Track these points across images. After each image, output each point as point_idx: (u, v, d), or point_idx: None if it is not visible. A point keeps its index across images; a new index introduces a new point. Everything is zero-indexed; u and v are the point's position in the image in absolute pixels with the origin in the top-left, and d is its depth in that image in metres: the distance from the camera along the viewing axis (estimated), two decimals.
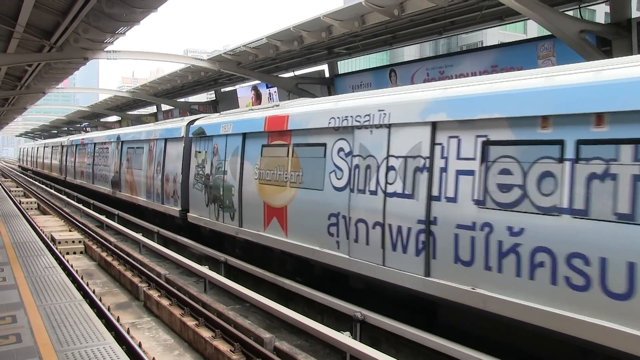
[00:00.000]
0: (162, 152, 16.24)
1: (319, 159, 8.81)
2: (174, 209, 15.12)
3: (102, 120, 48.18)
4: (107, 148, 23.14)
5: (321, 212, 8.57)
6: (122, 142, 20.84)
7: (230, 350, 7.18)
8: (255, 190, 10.67)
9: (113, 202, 22.21)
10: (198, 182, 13.41)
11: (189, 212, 14.02)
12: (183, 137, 14.80)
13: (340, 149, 8.34)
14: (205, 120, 13.93)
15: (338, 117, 8.39)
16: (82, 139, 29.53)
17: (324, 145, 8.73)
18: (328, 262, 8.47)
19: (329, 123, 8.53)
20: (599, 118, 5.12)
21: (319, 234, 8.64)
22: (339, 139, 8.39)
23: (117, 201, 21.57)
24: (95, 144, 25.61)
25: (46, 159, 43.28)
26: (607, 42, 10.35)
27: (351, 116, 8.11)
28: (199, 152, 13.49)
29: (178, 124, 15.78)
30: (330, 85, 19.18)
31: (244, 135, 11.26)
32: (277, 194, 9.90)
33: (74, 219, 20.00)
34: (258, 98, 23.28)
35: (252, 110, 12.01)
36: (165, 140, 16.15)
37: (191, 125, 14.33)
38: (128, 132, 21.25)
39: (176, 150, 15.25)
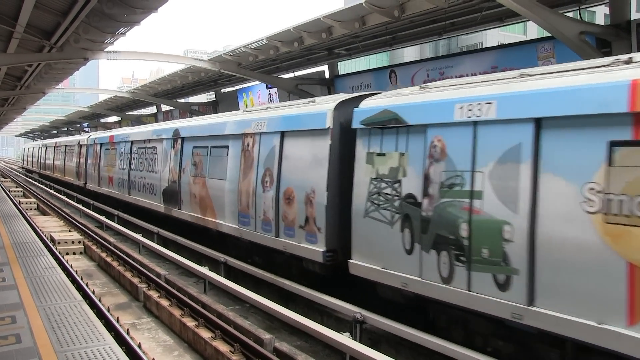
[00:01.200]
0: (273, 154, 10.48)
1: None
2: (311, 249, 9.26)
3: (102, 120, 48.27)
4: (155, 148, 17.36)
5: None
6: (184, 138, 15.09)
7: (230, 351, 7.19)
8: (589, 237, 5.34)
9: (163, 221, 16.84)
10: (380, 207, 7.96)
11: (350, 259, 8.42)
12: (329, 128, 9.13)
13: None
14: (398, 99, 8.05)
15: None
16: (111, 135, 23.27)
17: None
18: None
19: None
20: None
21: None
22: None
23: (168, 220, 16.20)
24: (132, 142, 19.69)
25: (57, 160, 36.66)
26: (607, 43, 10.37)
27: None
28: (381, 154, 8.10)
29: (313, 108, 9.90)
30: (330, 85, 19.22)
31: (538, 123, 5.92)
32: None
33: (74, 219, 20.03)
34: None
35: (526, 75, 6.48)
36: (282, 134, 10.35)
37: (355, 109, 8.64)
38: (194, 124, 15.21)
39: (309, 150, 9.62)
